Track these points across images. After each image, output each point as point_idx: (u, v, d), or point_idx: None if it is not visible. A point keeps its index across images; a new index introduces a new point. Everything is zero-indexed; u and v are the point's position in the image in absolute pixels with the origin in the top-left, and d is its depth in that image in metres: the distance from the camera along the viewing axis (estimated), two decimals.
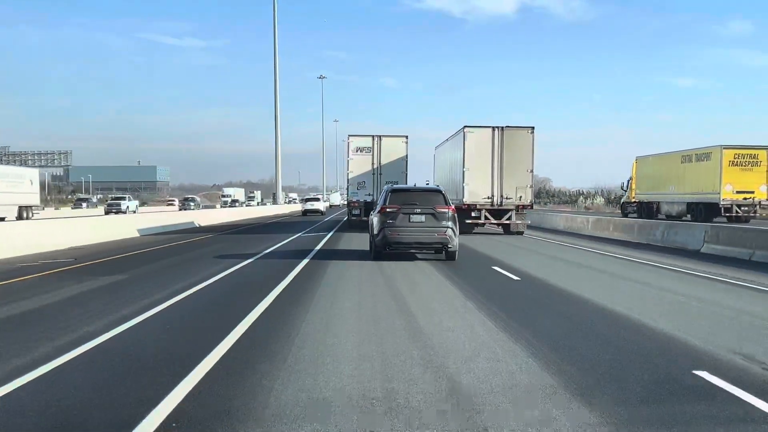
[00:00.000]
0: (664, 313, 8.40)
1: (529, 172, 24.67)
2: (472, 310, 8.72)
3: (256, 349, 6.32)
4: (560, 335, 7.03)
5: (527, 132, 24.60)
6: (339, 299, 9.52)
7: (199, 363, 5.71)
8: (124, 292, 10.24)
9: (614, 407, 4.62)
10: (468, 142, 24.53)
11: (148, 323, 7.70)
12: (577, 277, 12.79)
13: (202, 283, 11.05)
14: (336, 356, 6.03)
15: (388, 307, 8.94)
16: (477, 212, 24.66)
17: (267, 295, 9.68)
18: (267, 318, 7.96)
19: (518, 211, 24.93)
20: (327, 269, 13.40)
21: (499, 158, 24.49)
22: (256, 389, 5.01)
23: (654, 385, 5.18)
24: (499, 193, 24.56)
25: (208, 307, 9.04)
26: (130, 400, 4.74)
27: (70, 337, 6.85)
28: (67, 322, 7.72)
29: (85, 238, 21.14)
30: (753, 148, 30.82)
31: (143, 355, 6.13)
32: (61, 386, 5.10)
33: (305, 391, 4.98)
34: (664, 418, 4.44)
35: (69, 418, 4.43)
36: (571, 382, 5.23)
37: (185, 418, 4.37)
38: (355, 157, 28.92)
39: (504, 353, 6.22)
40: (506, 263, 14.94)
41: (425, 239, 14.89)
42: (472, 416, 4.47)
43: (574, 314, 8.39)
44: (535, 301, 9.69)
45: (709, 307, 9.14)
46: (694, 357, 6.10)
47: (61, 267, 14.07)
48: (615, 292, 10.50)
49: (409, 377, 5.36)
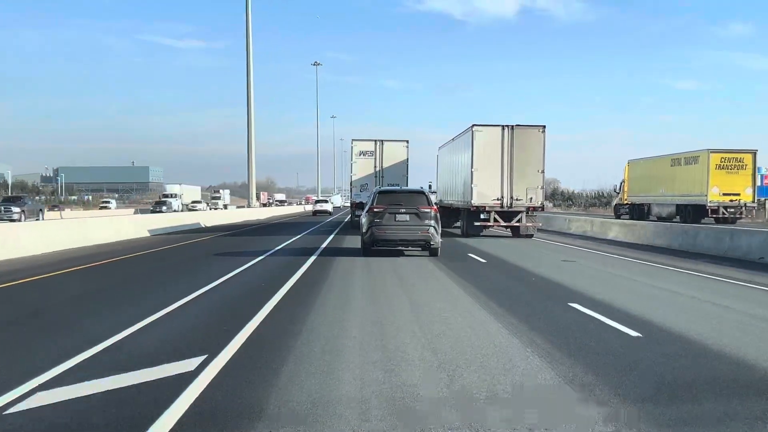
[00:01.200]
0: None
1: (540, 173, 23.71)
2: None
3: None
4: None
5: (538, 131, 23.64)
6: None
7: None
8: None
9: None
10: (477, 142, 23.57)
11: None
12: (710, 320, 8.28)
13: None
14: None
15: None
16: (486, 214, 23.68)
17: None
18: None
19: (529, 214, 23.98)
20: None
21: (509, 158, 23.52)
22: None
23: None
24: (509, 195, 23.59)
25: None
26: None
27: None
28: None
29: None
30: (739, 152, 31.74)
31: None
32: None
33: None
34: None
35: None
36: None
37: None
38: (359, 161, 30.09)
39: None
40: (587, 296, 10.21)
41: (409, 237, 16.06)
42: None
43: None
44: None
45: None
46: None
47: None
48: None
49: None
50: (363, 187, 29.54)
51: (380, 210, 15.94)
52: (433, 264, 14.96)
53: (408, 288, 11.15)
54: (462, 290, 10.95)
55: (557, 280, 12.27)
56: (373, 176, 29.69)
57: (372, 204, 16.35)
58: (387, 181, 28.95)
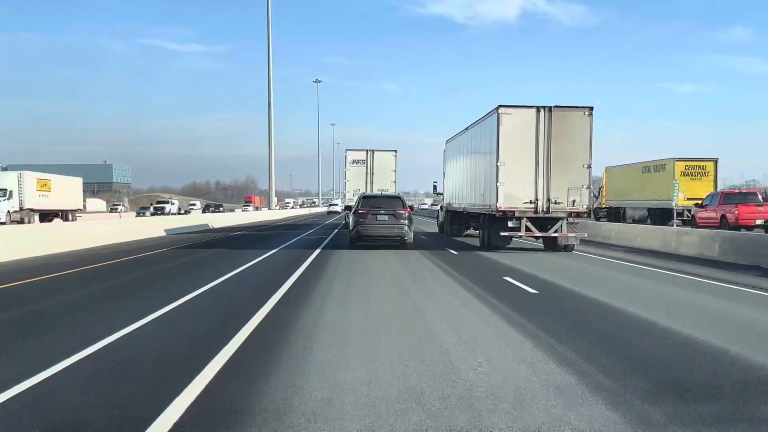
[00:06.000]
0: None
1: (586, 168, 18.35)
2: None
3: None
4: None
5: (583, 114, 18.30)
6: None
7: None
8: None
9: None
10: (504, 127, 18.23)
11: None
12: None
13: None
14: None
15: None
16: (515, 221, 18.37)
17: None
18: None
19: (570, 221, 18.67)
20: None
21: (545, 149, 18.20)
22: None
23: None
24: (545, 196, 18.26)
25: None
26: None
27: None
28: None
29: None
30: (702, 160, 34.97)
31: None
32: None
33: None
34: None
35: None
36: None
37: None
38: (352, 168, 32.79)
39: None
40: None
41: (387, 233, 19.37)
42: None
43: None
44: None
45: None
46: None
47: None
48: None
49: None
50: (356, 192, 31.15)
51: (364, 211, 19.43)
52: (465, 292, 9.64)
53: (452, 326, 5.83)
54: (547, 370, 5.57)
55: (700, 337, 6.97)
56: (364, 182, 32.21)
57: (357, 207, 19.90)
58: (377, 187, 31.62)
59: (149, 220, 36.68)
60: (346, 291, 10.80)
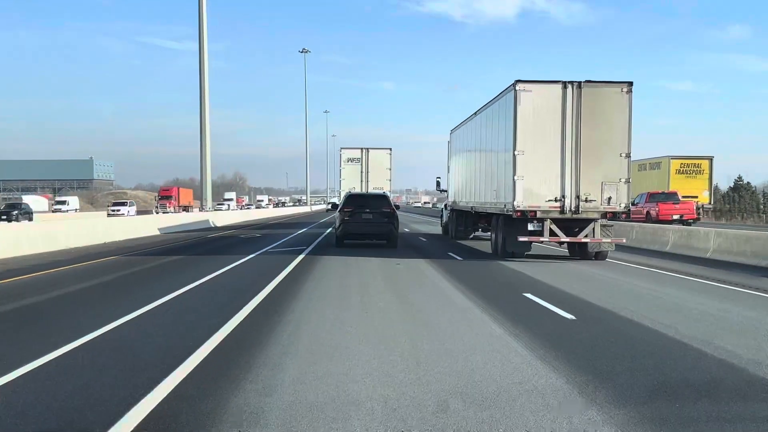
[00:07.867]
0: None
1: (625, 158, 14.93)
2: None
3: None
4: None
5: (621, 90, 14.88)
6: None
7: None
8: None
9: None
10: (523, 108, 14.82)
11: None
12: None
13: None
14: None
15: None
16: (538, 224, 14.96)
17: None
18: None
19: (604, 223, 15.28)
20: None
21: (573, 134, 14.81)
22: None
23: None
24: (573, 193, 14.86)
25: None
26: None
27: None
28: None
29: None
30: (696, 158, 35.34)
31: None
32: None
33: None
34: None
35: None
36: None
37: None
38: (347, 167, 32.42)
39: None
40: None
41: (372, 231, 19.36)
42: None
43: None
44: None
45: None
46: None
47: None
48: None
49: None
50: (351, 190, 30.78)
51: (350, 210, 19.13)
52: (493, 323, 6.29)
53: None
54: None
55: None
56: (359, 181, 31.78)
57: (343, 205, 19.66)
58: (372, 185, 31.17)
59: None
60: (317, 328, 7.42)
